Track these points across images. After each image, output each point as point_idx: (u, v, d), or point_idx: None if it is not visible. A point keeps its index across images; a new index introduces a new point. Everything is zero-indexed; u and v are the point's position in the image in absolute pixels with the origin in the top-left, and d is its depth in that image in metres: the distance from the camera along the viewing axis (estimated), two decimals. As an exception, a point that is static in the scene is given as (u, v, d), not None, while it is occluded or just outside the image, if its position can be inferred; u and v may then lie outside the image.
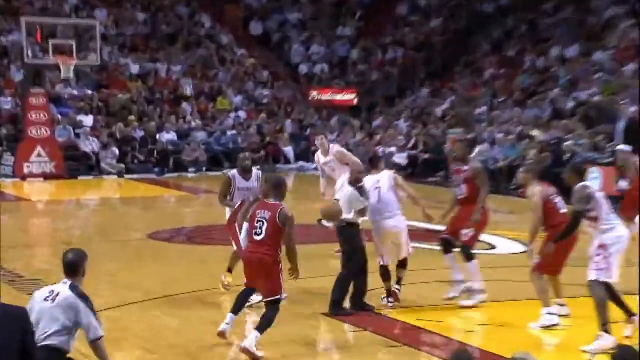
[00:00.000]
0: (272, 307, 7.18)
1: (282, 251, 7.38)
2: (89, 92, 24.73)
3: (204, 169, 23.06)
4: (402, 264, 8.89)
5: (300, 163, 24.67)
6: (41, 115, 21.06)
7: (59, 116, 22.89)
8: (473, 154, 12.41)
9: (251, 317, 8.18)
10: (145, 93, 25.50)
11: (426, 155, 22.04)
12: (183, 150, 23.34)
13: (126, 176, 21.68)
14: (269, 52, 30.01)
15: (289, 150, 24.71)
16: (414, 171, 21.63)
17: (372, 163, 9.28)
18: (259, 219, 7.32)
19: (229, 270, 9.39)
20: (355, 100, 27.46)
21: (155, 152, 22.89)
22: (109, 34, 27.32)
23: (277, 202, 7.40)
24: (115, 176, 21.71)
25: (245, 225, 8.32)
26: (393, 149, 22.76)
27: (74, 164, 21.92)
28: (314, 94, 27.36)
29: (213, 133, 24.32)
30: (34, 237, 14.20)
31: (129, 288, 9.80)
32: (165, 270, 10.88)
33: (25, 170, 20.92)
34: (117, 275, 10.51)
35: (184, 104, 25.33)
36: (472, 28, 27.82)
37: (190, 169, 23.04)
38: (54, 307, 5.48)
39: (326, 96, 27.38)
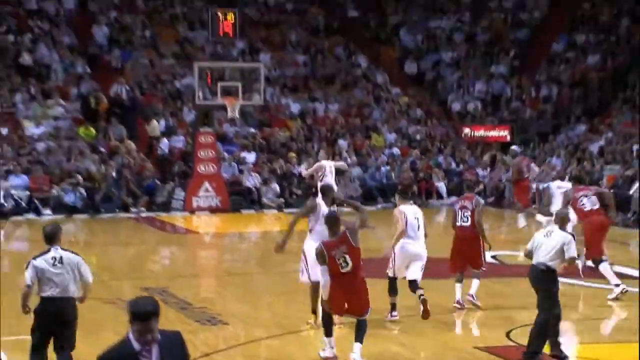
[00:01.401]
0: (364, 320, 7.96)
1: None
2: (253, 130, 25.82)
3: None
4: (416, 285, 9.84)
5: (453, 198, 24.59)
6: (209, 153, 22.17)
7: (225, 154, 24.04)
8: (632, 190, 12.23)
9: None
10: (304, 131, 26.31)
11: (581, 193, 21.51)
12: (338, 185, 23.84)
13: (286, 210, 22.40)
14: (423, 91, 30.23)
15: (441, 186, 24.76)
16: (568, 208, 21.14)
17: (404, 195, 10.41)
18: (339, 256, 7.71)
19: (314, 312, 9.30)
20: (509, 137, 27.16)
21: (313, 188, 23.51)
22: (272, 75, 28.44)
23: (340, 234, 7.75)
24: (275, 210, 22.48)
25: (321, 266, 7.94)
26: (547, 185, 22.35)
27: (238, 199, 22.92)
28: (467, 131, 27.29)
29: (368, 169, 24.74)
30: (201, 268, 14.96)
31: (289, 318, 10.21)
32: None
33: (194, 204, 22.05)
34: (275, 305, 10.96)
35: (341, 141, 25.92)
36: (631, 64, 27.00)
37: (344, 205, 23.47)
38: (64, 267, 7.25)
39: (479, 133, 27.24)
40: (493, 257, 14.31)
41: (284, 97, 27.87)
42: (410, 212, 10.09)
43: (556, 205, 13.74)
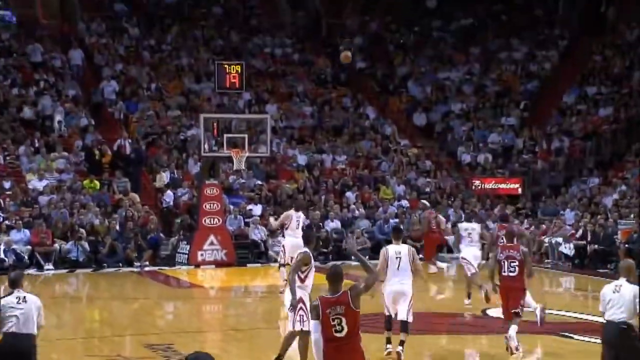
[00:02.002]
0: None
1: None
2: (259, 182, 25.86)
3: (366, 257, 23.34)
4: (404, 327, 10.54)
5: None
6: (215, 205, 22.17)
7: (231, 206, 24.04)
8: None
9: None
10: (312, 183, 26.34)
11: (595, 247, 21.40)
12: (346, 238, 23.81)
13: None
14: (432, 142, 30.31)
15: (451, 239, 24.61)
16: (582, 262, 21.02)
17: (396, 234, 11.14)
18: (334, 316, 7.04)
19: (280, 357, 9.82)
20: (520, 190, 27.12)
21: (319, 240, 23.45)
22: (279, 126, 28.59)
23: (340, 293, 7.11)
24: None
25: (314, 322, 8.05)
26: (560, 239, 22.26)
27: (244, 252, 22.83)
28: (477, 183, 27.27)
29: (376, 221, 24.68)
30: (206, 323, 14.85)
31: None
32: None
33: (199, 258, 21.95)
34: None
35: (348, 193, 25.92)
36: (644, 117, 27.13)
37: (352, 258, 23.41)
38: (27, 305, 8.13)
39: (489, 185, 27.22)
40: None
41: (290, 149, 27.97)
42: (392, 249, 10.82)
43: (463, 245, 15.58)
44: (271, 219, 19.97)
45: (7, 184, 23.59)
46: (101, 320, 14.76)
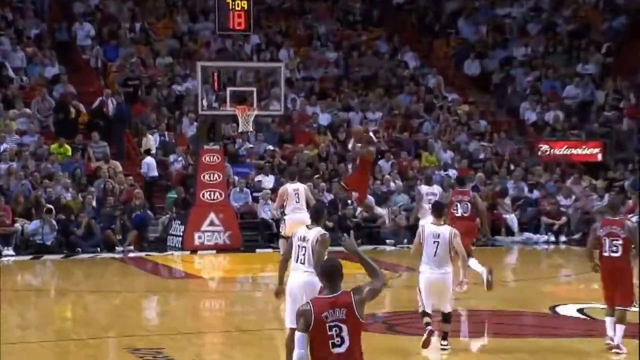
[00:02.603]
0: None
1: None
2: (270, 148, 25.83)
3: (405, 241, 23.37)
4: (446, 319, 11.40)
5: (527, 235, 24.44)
6: (215, 176, 22.18)
7: (236, 177, 24.04)
8: None
9: None
10: (336, 148, 26.28)
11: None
12: (378, 218, 23.79)
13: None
14: (487, 97, 30.15)
15: (512, 218, 24.57)
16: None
17: (436, 212, 11.62)
18: (332, 323, 6.47)
19: None
20: (600, 156, 26.92)
21: (347, 220, 23.44)
22: (295, 78, 28.50)
23: (340, 293, 6.60)
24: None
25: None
26: (649, 218, 22.08)
27: (251, 234, 22.83)
28: (544, 148, 27.12)
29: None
30: (205, 322, 14.90)
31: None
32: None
33: (196, 241, 22.01)
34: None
35: (382, 162, 25.87)
36: None
37: (388, 241, 23.41)
38: None
39: (561, 151, 27.06)
40: (579, 310, 14.16)
41: (310, 105, 27.91)
42: (430, 230, 11.36)
43: (424, 210, 16.95)
44: (274, 206, 19.86)
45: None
46: (74, 319, 14.86)
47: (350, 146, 18.81)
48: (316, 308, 6.44)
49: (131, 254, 21.57)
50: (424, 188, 18.36)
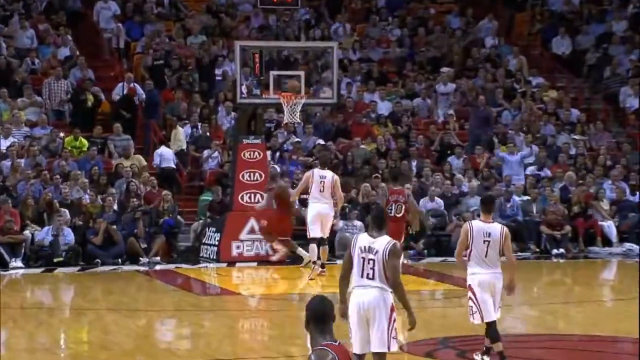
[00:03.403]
0: None
1: None
2: (321, 141, 25.90)
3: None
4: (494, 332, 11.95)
5: (628, 245, 24.20)
6: (256, 175, 22.29)
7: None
8: None
9: None
10: (398, 142, 26.28)
11: None
12: (447, 224, 23.78)
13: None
14: (580, 81, 29.95)
15: (609, 226, 24.36)
16: None
17: (486, 207, 12.11)
18: None
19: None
20: None
21: (408, 227, 23.30)
22: (350, 59, 28.54)
23: None
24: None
25: None
26: None
27: (299, 244, 22.84)
28: (649, 141, 26.96)
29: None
30: (245, 347, 14.97)
31: None
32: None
33: (234, 251, 22.17)
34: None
35: (452, 158, 25.82)
36: None
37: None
38: None
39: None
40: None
41: (368, 92, 27.95)
42: (478, 226, 11.84)
43: None
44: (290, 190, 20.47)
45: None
46: (92, 342, 14.96)
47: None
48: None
49: (158, 266, 21.79)
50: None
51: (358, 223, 22.85)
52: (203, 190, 24.39)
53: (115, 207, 22.64)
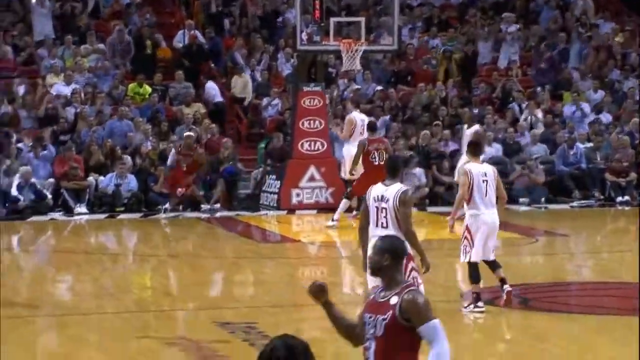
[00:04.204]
0: None
1: None
2: (381, 88, 25.99)
3: (542, 199, 23.38)
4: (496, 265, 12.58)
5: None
6: (317, 123, 22.46)
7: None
8: None
9: None
10: (459, 88, 26.30)
11: None
12: (510, 172, 23.77)
13: (430, 209, 22.43)
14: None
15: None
16: None
17: (473, 150, 12.97)
18: None
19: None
20: None
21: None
22: (411, 4, 28.49)
23: None
24: (415, 208, 22.38)
25: None
26: None
27: (360, 191, 23.12)
28: None
29: (557, 146, 24.54)
30: (305, 294, 15.19)
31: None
32: (490, 346, 11.43)
33: (294, 199, 22.44)
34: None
35: (514, 105, 25.79)
36: None
37: (522, 200, 23.40)
38: None
39: None
40: None
41: (429, 37, 27.90)
42: (477, 170, 12.44)
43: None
44: (336, 129, 20.71)
45: (20, 89, 24.44)
46: (155, 288, 15.35)
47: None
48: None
49: (219, 214, 22.11)
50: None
51: (417, 170, 22.91)
52: (263, 137, 24.60)
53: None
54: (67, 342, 11.72)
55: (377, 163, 18.77)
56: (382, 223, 10.05)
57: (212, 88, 25.13)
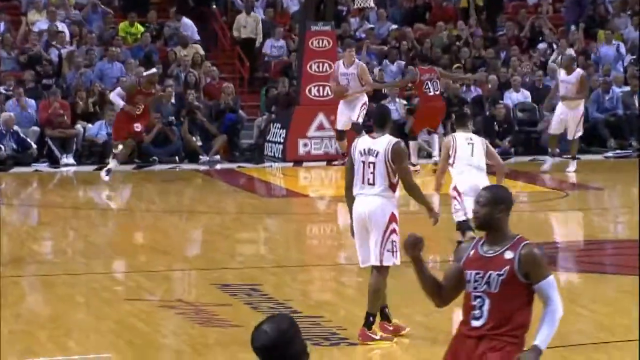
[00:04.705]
0: None
1: None
2: (395, 27, 25.91)
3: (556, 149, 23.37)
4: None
5: None
6: (326, 66, 22.40)
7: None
8: None
9: None
10: (481, 26, 26.22)
11: None
12: (539, 120, 23.75)
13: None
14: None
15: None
16: None
17: (460, 121, 13.51)
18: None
19: None
20: None
21: (495, 121, 23.30)
22: None
23: None
24: (431, 160, 22.36)
25: None
26: None
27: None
28: None
29: (591, 92, 24.48)
30: (312, 253, 15.25)
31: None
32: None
33: (301, 150, 22.48)
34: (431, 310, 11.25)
35: (540, 45, 25.70)
36: None
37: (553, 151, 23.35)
38: None
39: None
40: None
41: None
42: (461, 136, 12.98)
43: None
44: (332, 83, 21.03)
45: (0, 26, 24.37)
46: (149, 247, 15.36)
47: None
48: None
49: (219, 166, 22.21)
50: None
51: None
52: (267, 82, 24.57)
53: (173, 99, 22.89)
54: (54, 303, 11.79)
55: (431, 93, 20.66)
56: (368, 179, 9.87)
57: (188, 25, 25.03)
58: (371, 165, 9.85)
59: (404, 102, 23.42)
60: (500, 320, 6.29)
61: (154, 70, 20.69)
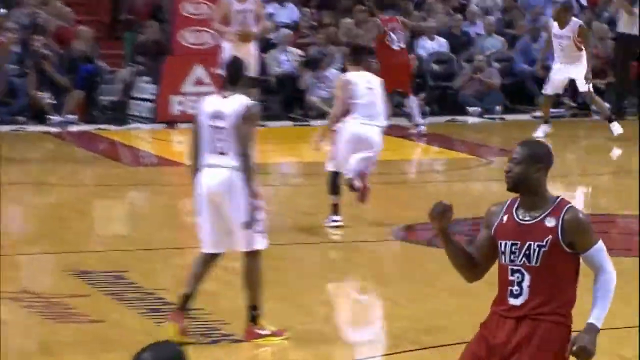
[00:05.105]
0: None
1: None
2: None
3: (497, 108, 23.61)
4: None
5: None
6: (203, 7, 22.32)
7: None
8: None
9: None
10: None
11: None
12: (457, 72, 23.96)
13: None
14: None
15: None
16: None
17: (355, 58, 14.34)
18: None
19: None
20: None
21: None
22: None
23: None
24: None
25: None
26: None
27: (261, 99, 23.06)
28: None
29: (518, 39, 24.72)
30: (188, 233, 15.14)
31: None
32: (421, 293, 11.60)
33: (175, 109, 22.39)
34: (328, 300, 11.16)
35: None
36: None
37: (471, 109, 23.53)
38: None
39: None
40: None
41: None
42: (361, 80, 13.88)
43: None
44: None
45: None
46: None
47: None
48: None
49: (74, 127, 22.01)
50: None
51: (334, 72, 22.74)
52: (133, 26, 24.42)
53: (15, 47, 22.65)
54: None
55: (395, 47, 21.12)
56: (218, 148, 9.80)
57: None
58: (222, 131, 9.78)
59: (299, 52, 23.33)
60: (543, 297, 6.31)
61: None
